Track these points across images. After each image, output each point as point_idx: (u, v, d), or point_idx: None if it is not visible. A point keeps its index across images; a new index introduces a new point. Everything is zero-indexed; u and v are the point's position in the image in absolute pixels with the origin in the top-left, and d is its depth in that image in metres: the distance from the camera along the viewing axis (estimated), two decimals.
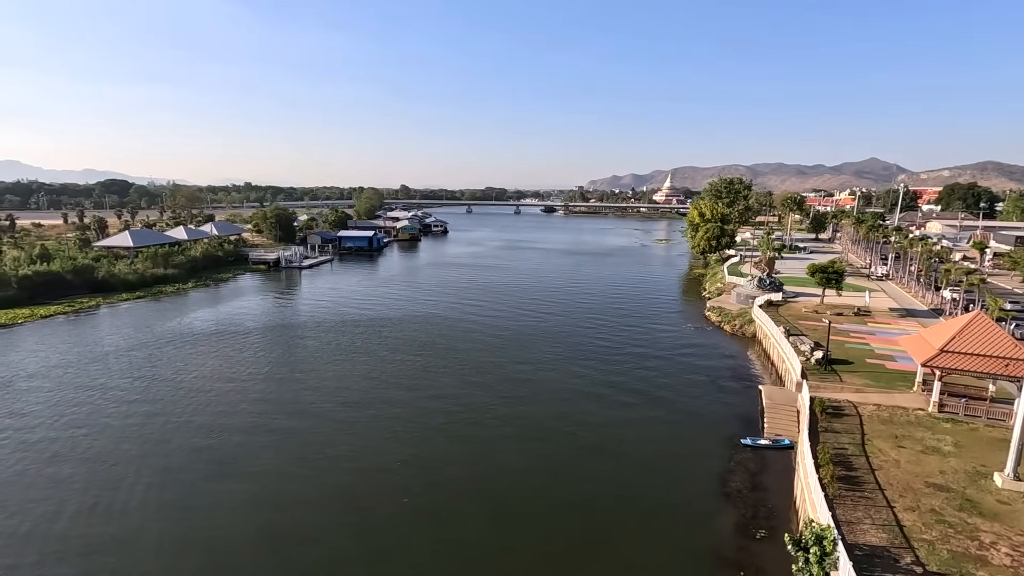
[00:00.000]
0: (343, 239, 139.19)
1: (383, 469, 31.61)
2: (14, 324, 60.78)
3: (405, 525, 26.60)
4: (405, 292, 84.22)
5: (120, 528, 25.89)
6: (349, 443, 34.63)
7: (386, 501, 28.41)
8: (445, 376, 46.97)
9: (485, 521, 27.12)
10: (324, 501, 28.36)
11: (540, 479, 31.00)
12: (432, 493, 29.28)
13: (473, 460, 32.85)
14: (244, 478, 30.36)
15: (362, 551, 24.76)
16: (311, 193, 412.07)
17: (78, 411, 38.41)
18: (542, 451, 34.09)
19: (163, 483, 29.66)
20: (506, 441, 35.35)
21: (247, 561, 23.99)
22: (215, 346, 54.36)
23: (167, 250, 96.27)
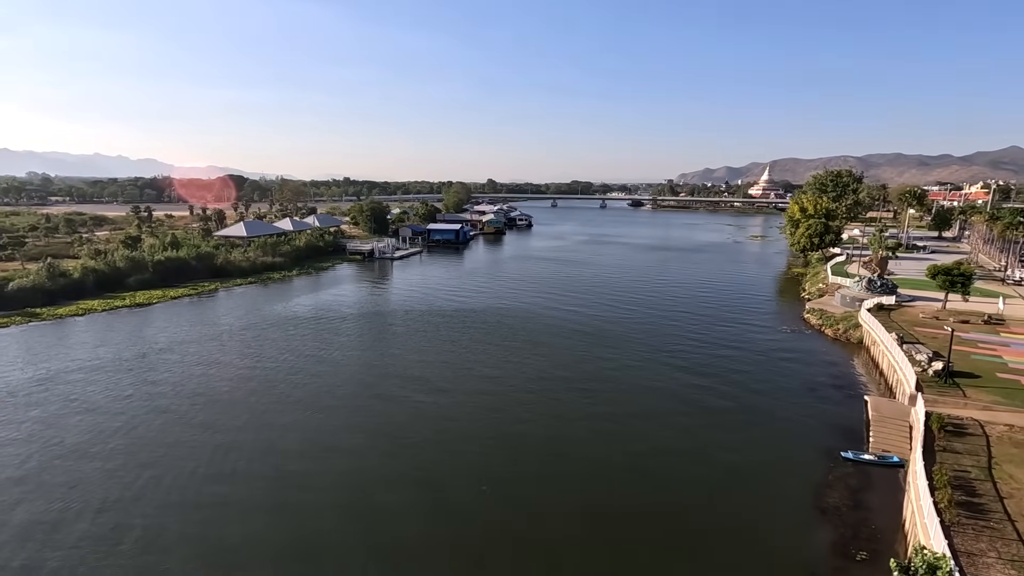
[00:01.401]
0: (432, 232, 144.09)
1: (463, 456, 32.50)
2: (150, 304, 68.69)
3: (482, 512, 27.22)
4: (489, 284, 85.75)
5: (222, 488, 28.61)
6: (432, 427, 35.90)
7: (464, 486, 29.19)
8: (527, 369, 47.34)
9: (562, 515, 27.12)
10: (402, 481, 29.66)
11: (622, 478, 30.50)
12: (511, 485, 29.69)
13: (552, 453, 32.93)
14: (331, 454, 32.43)
15: (433, 535, 25.63)
16: (403, 187, 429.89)
17: (197, 383, 42.77)
18: (626, 450, 33.47)
19: (258, 453, 32.35)
20: (586, 437, 35.08)
21: (329, 528, 25.63)
22: (313, 329, 58.33)
23: (275, 240, 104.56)
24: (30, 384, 41.52)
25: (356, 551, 24.29)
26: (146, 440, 33.58)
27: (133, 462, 30.95)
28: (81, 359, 47.30)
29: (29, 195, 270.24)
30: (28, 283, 66.46)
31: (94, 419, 36.02)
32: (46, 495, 27.79)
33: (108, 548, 24.03)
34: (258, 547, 24.43)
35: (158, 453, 32.02)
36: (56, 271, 69.96)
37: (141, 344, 52.09)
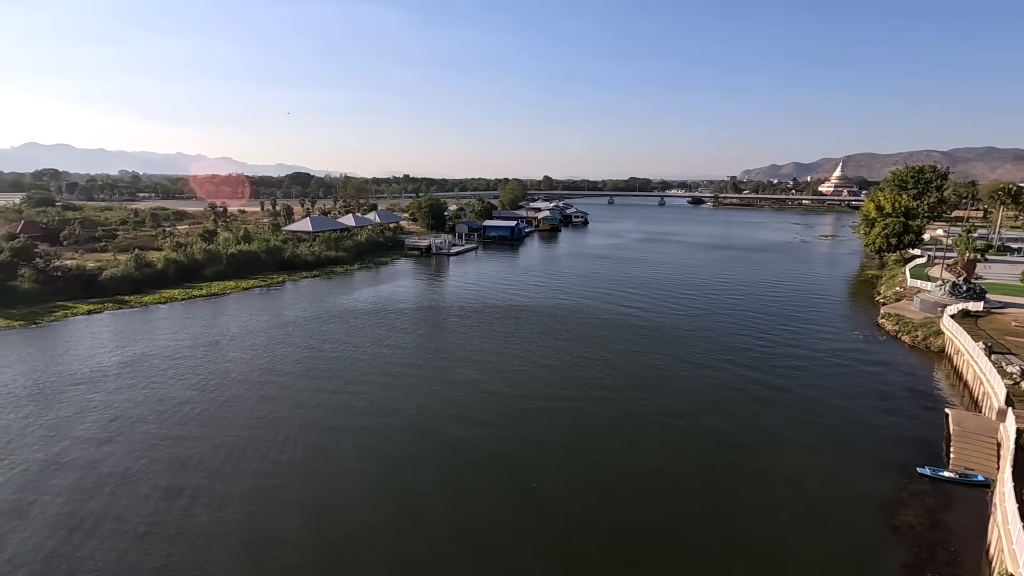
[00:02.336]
0: (487, 228, 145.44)
1: (511, 450, 32.68)
2: (224, 294, 73.01)
3: (531, 508, 27.30)
4: (543, 281, 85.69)
5: (275, 465, 30.06)
6: (481, 419, 36.30)
7: (513, 482, 29.37)
8: (582, 364, 47.04)
9: (608, 515, 26.83)
10: (446, 474, 30.18)
11: (677, 483, 29.81)
12: (563, 483, 29.63)
13: (608, 449, 32.58)
14: (382, 438, 33.40)
15: (482, 526, 25.92)
16: (461, 185, 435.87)
17: (264, 369, 45.07)
18: (682, 453, 32.69)
19: (311, 435, 33.72)
20: (640, 435, 34.48)
21: (360, 509, 26.40)
22: (373, 321, 60.21)
23: (338, 235, 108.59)
24: (118, 366, 45.07)
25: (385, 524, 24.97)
26: (216, 416, 35.72)
27: (204, 433, 33.05)
28: (162, 344, 50.89)
29: (120, 191, 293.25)
30: (119, 272, 72.14)
31: (171, 397, 38.65)
32: (127, 455, 30.11)
33: (170, 499, 25.84)
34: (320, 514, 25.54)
35: (229, 428, 33.97)
36: (142, 262, 75.52)
37: (215, 332, 55.44)
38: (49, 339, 52.65)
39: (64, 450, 31.68)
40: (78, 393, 39.62)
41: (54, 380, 41.90)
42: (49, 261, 70.73)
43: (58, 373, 43.34)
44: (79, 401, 38.25)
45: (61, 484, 28.33)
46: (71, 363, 45.60)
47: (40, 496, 27.32)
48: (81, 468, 29.88)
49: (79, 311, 61.53)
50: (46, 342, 51.66)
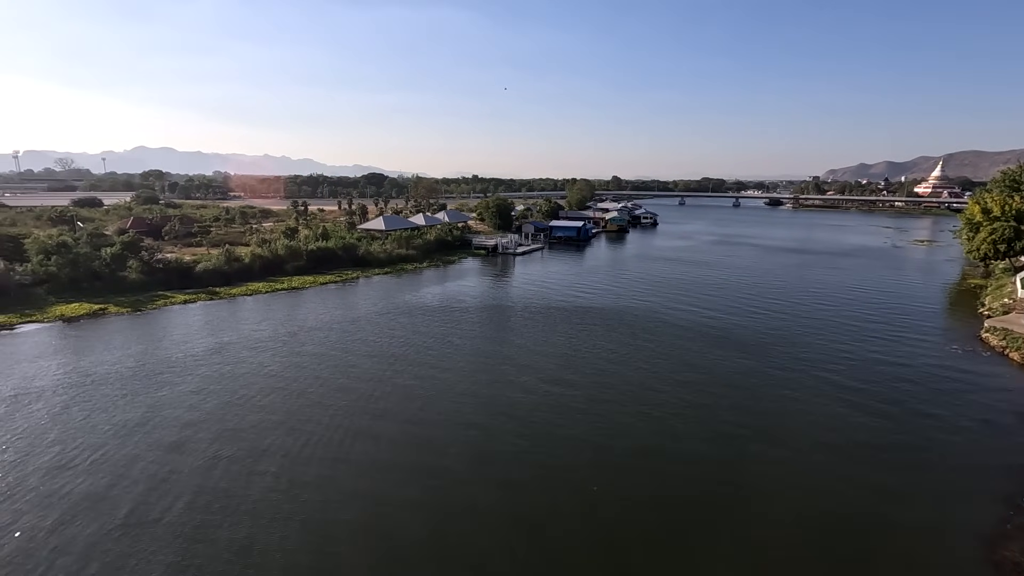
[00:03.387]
0: (554, 228, 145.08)
1: (571, 451, 32.40)
2: (303, 288, 77.21)
3: (589, 513, 26.96)
4: (610, 282, 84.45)
5: (363, 445, 31.32)
6: (543, 418, 36.22)
7: (571, 485, 29.12)
8: (648, 369, 45.95)
9: (670, 532, 26.03)
10: (504, 473, 30.32)
11: (747, 499, 28.52)
12: (622, 493, 29.08)
13: (671, 457, 31.67)
14: (446, 429, 34.05)
15: (535, 524, 25.84)
16: (528, 185, 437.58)
17: (337, 360, 47.22)
18: (757, 470, 31.22)
19: (378, 424, 34.87)
20: (708, 445, 33.24)
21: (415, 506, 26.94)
22: (439, 318, 61.63)
23: (409, 234, 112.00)
24: (207, 352, 48.71)
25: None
26: (291, 402, 37.79)
27: (280, 418, 35.05)
28: (246, 333, 54.51)
29: (214, 191, 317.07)
30: (211, 266, 77.99)
31: (253, 383, 41.30)
32: (208, 431, 32.48)
33: (249, 467, 27.52)
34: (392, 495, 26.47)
35: (304, 413, 35.89)
36: (232, 256, 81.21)
37: (294, 323, 58.70)
38: (150, 325, 57.77)
39: (158, 425, 34.61)
40: (172, 375, 43.20)
41: (153, 362, 45.92)
42: (153, 254, 77.57)
43: (156, 356, 47.47)
44: (173, 382, 41.68)
45: (153, 453, 31.00)
46: (167, 348, 49.79)
47: (133, 466, 30.02)
48: (168, 444, 32.54)
49: (176, 300, 67.06)
50: (148, 328, 56.72)
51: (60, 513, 25.87)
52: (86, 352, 48.50)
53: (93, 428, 34.22)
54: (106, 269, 70.54)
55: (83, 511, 26.05)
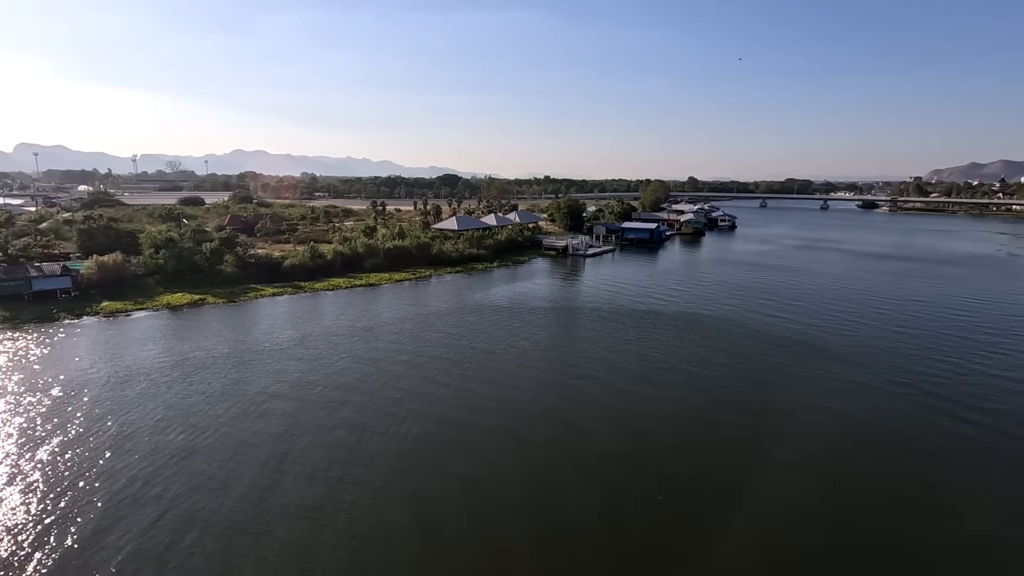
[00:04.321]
0: (626, 230, 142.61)
1: (639, 458, 31.73)
2: (379, 284, 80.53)
3: (657, 523, 26.32)
4: (683, 286, 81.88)
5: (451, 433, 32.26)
6: (609, 420, 35.72)
7: (638, 491, 28.52)
8: (724, 375, 44.26)
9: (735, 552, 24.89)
10: (578, 471, 30.10)
11: (829, 525, 26.83)
12: (691, 505, 28.17)
13: (754, 472, 30.33)
14: (512, 424, 34.32)
15: (614, 534, 25.48)
16: (600, 186, 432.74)
17: (409, 353, 48.82)
18: (843, 493, 29.33)
19: (446, 414, 35.66)
20: (797, 460, 31.53)
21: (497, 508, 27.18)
22: (508, 316, 62.27)
23: (481, 234, 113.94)
24: (290, 343, 51.90)
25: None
26: (367, 390, 39.53)
27: (358, 401, 36.79)
28: (326, 326, 57.58)
29: (302, 191, 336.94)
30: (297, 261, 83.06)
31: (334, 372, 43.61)
32: (300, 417, 34.62)
33: (322, 439, 29.04)
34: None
35: (377, 402, 37.47)
36: (316, 253, 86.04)
37: (370, 318, 61.35)
38: (242, 316, 62.36)
39: (251, 406, 37.31)
40: (260, 362, 46.43)
41: (244, 350, 49.56)
42: (246, 250, 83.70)
43: (247, 344, 51.19)
44: (261, 369, 44.79)
45: (245, 432, 33.46)
46: (257, 337, 53.55)
47: (236, 440, 32.53)
48: (251, 426, 34.99)
49: (266, 293, 71.95)
50: (240, 318, 61.26)
51: (160, 464, 28.59)
52: (187, 337, 53.14)
53: (187, 400, 37.47)
54: (206, 263, 76.91)
55: (176, 461, 28.65)
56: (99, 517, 25.58)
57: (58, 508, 26.25)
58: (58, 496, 27.17)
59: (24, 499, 26.95)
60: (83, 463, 30.18)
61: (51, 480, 28.58)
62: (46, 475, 29.03)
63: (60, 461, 30.35)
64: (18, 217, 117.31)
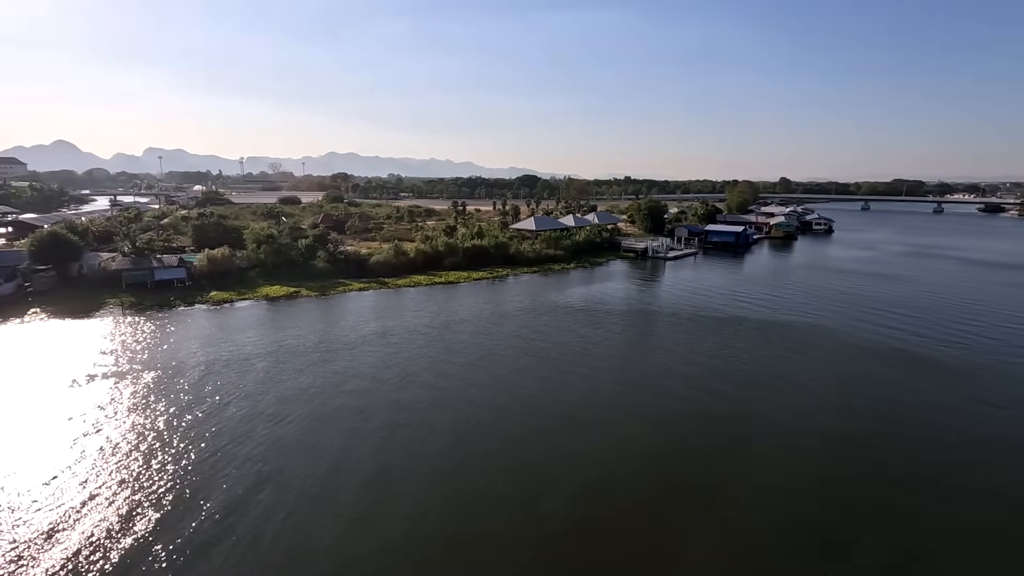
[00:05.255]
0: (709, 233, 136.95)
1: (709, 483, 30.51)
2: (457, 282, 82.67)
3: (727, 549, 25.21)
4: (771, 293, 77.46)
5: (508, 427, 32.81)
6: (680, 432, 34.61)
7: (706, 513, 27.42)
8: (817, 390, 41.57)
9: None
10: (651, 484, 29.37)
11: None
12: (783, 551, 26.71)
13: (829, 510, 28.36)
14: (581, 423, 34.09)
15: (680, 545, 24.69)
16: (683, 187, 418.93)
17: (483, 350, 49.79)
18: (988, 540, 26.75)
19: (515, 415, 35.94)
20: (907, 489, 29.14)
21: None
22: (582, 318, 61.84)
23: (558, 234, 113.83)
24: (373, 335, 54.51)
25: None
26: (438, 384, 40.80)
27: (429, 394, 38.07)
28: (407, 320, 59.92)
29: (387, 191, 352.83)
30: (382, 259, 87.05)
31: (413, 362, 45.38)
32: (370, 394, 36.40)
33: (391, 419, 30.30)
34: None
35: (449, 396, 38.61)
36: (399, 251, 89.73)
37: (447, 315, 63.14)
38: (331, 308, 66.30)
39: (332, 388, 39.68)
40: (345, 351, 49.18)
41: (331, 341, 52.67)
42: (337, 246, 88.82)
43: (334, 335, 54.38)
44: (345, 357, 47.44)
45: (326, 407, 35.65)
46: (343, 329, 56.72)
47: (317, 426, 34.80)
48: (332, 402, 37.13)
49: (353, 288, 76.04)
50: (329, 310, 65.17)
51: (253, 430, 31.15)
52: (282, 327, 57.30)
53: (279, 383, 40.42)
54: (301, 258, 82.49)
55: (266, 427, 31.07)
56: (197, 467, 28.34)
57: (167, 458, 29.36)
58: (168, 450, 30.41)
59: (146, 452, 30.36)
60: (191, 427, 33.75)
61: (164, 438, 32.08)
62: (160, 435, 32.62)
63: (174, 424, 33.96)
64: (144, 213, 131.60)
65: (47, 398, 38.49)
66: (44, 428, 34.17)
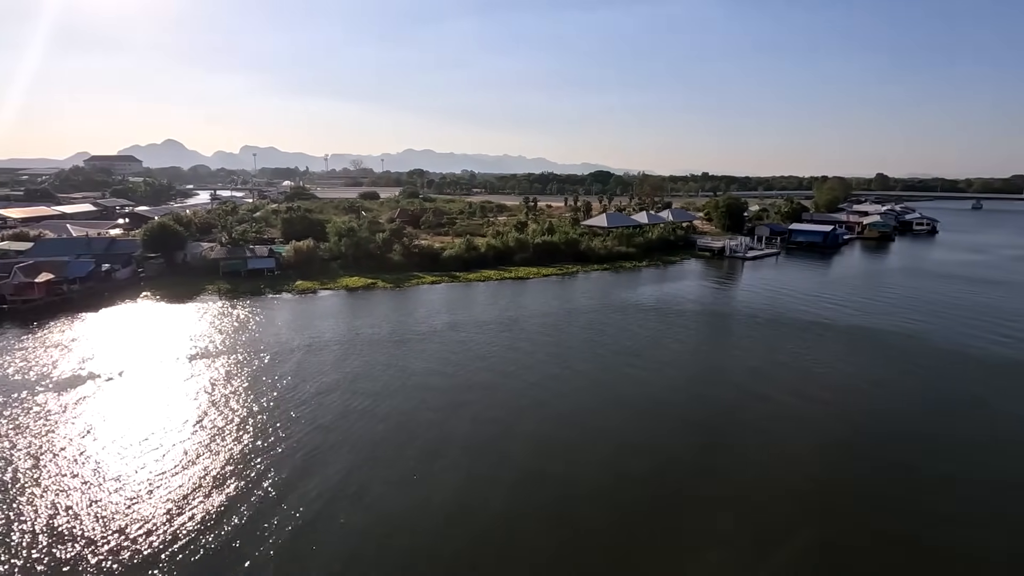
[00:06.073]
0: (793, 232, 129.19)
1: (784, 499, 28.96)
2: (527, 278, 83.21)
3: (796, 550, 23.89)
4: (861, 298, 72.04)
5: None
6: (750, 440, 33.09)
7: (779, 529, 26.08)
8: (916, 410, 38.51)
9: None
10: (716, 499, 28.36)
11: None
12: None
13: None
14: (647, 427, 33.36)
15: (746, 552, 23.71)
16: (766, 183, 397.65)
17: (547, 346, 49.92)
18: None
19: (576, 415, 35.64)
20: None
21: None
22: (652, 317, 60.48)
23: (630, 231, 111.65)
24: (443, 327, 56.04)
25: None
26: (504, 372, 41.34)
27: (504, 389, 38.71)
28: (475, 314, 61.13)
29: (460, 187, 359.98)
30: (454, 253, 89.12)
31: (485, 355, 46.31)
32: (435, 381, 37.49)
33: (454, 399, 31.00)
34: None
35: (513, 389, 39.08)
36: (471, 246, 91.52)
37: (515, 310, 63.72)
38: (405, 300, 68.80)
39: (402, 373, 41.24)
40: (416, 341, 50.98)
41: (403, 329, 54.74)
42: (411, 240, 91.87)
43: (407, 325, 56.44)
44: (416, 347, 49.21)
45: (394, 389, 37.13)
46: (416, 320, 58.71)
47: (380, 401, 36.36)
48: (399, 386, 38.53)
49: (426, 281, 78.40)
50: (403, 302, 67.67)
51: (329, 403, 33.06)
52: (359, 315, 60.21)
53: (355, 368, 42.53)
54: (378, 251, 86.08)
55: (341, 401, 32.88)
56: (282, 431, 30.48)
57: (260, 425, 31.81)
58: (258, 419, 32.89)
59: (240, 419, 33.04)
60: (276, 400, 36.32)
61: (255, 409, 34.76)
62: (250, 407, 35.40)
63: (256, 398, 36.72)
64: (240, 207, 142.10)
65: (156, 371, 42.70)
66: (154, 396, 37.97)
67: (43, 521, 24.86)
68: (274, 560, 22.70)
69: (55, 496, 26.79)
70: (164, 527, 24.61)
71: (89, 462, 29.96)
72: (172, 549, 23.21)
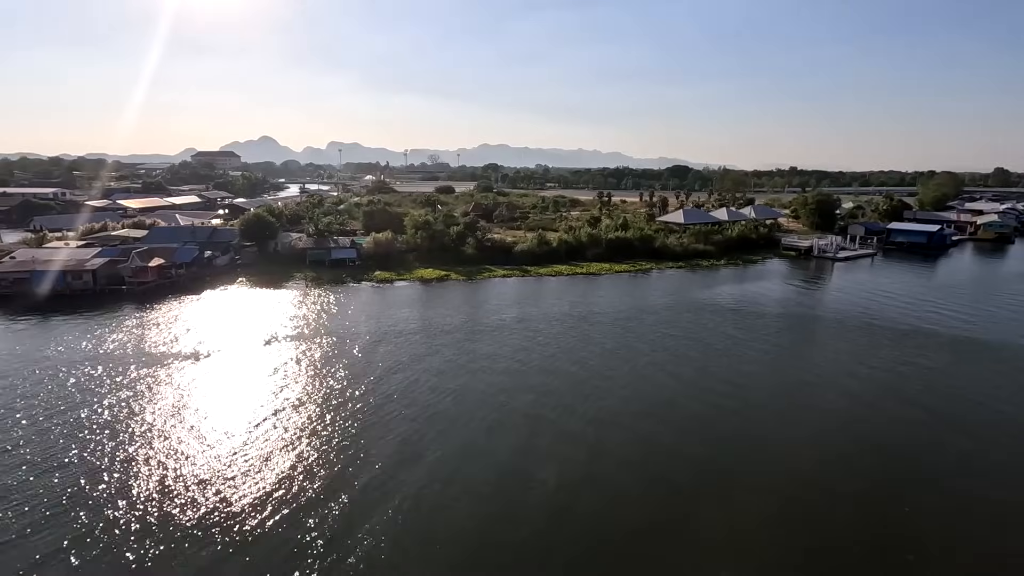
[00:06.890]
0: (892, 232, 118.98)
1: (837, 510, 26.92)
2: (599, 274, 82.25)
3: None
4: (969, 305, 65.32)
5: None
6: (827, 461, 30.97)
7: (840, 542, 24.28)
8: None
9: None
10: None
11: None
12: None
13: None
14: (704, 433, 32.09)
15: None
16: (862, 179, 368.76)
17: (615, 345, 49.15)
18: None
19: (637, 420, 34.81)
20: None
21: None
22: (728, 319, 57.97)
23: (709, 228, 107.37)
24: (512, 320, 56.61)
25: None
26: (564, 371, 41.18)
27: (559, 382, 38.69)
28: (544, 310, 61.18)
29: (534, 182, 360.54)
30: (526, 247, 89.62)
31: (543, 349, 46.44)
32: (512, 365, 37.95)
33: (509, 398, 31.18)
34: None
35: (570, 386, 38.88)
36: (543, 240, 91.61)
37: (586, 306, 63.16)
38: (476, 292, 70.11)
39: (471, 363, 42.13)
40: (486, 332, 51.92)
41: (474, 321, 55.91)
42: (484, 234, 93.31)
43: (477, 317, 57.55)
44: (486, 338, 50.14)
45: (464, 377, 37.99)
46: (486, 312, 59.71)
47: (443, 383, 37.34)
48: (468, 372, 39.29)
49: (497, 274, 79.47)
50: (474, 294, 69.01)
51: (406, 387, 34.39)
52: (432, 306, 62.08)
53: (429, 356, 43.96)
54: (452, 244, 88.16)
55: (414, 384, 34.12)
56: (368, 414, 32.20)
57: (345, 405, 33.83)
58: (344, 400, 34.97)
59: (325, 399, 35.28)
60: (352, 383, 38.77)
61: (340, 390, 36.99)
62: (336, 388, 37.71)
63: (340, 379, 38.98)
64: (326, 200, 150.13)
65: (251, 352, 46.33)
66: (248, 376, 41.25)
67: (166, 473, 27.73)
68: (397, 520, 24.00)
69: (184, 446, 30.14)
70: (276, 486, 26.74)
71: (210, 419, 34.18)
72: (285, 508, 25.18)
